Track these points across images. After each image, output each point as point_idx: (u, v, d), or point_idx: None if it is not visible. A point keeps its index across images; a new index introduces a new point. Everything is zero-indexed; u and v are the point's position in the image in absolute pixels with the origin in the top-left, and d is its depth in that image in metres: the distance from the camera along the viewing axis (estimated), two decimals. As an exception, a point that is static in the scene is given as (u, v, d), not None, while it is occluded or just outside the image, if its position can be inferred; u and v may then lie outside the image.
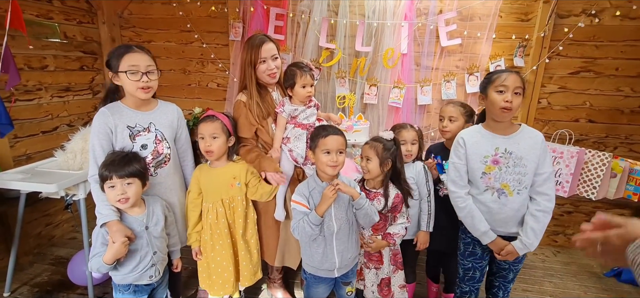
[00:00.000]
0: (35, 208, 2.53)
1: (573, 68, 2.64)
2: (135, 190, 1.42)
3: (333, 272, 1.56)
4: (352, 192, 1.45)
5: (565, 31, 2.52)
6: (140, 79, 1.46)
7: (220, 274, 1.76)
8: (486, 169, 1.53)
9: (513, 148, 1.48)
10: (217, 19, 2.91)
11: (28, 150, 2.46)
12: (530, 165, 1.47)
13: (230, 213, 1.74)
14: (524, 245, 1.50)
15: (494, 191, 1.53)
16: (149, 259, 1.50)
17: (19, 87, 2.36)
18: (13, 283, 2.18)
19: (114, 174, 1.39)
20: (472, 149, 1.54)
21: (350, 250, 1.56)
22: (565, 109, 2.73)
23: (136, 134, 1.54)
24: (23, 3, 2.32)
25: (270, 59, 1.79)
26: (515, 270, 1.65)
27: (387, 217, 1.66)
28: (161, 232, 1.55)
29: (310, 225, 1.43)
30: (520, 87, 1.44)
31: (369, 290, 1.73)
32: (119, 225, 1.42)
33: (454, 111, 1.83)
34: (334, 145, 1.44)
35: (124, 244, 1.39)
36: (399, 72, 2.73)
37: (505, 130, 1.51)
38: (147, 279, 1.52)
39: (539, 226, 1.48)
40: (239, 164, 1.77)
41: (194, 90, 3.14)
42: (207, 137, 1.65)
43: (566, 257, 2.86)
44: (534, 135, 1.50)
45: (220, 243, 1.73)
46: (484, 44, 2.62)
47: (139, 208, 1.50)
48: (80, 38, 2.83)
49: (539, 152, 1.47)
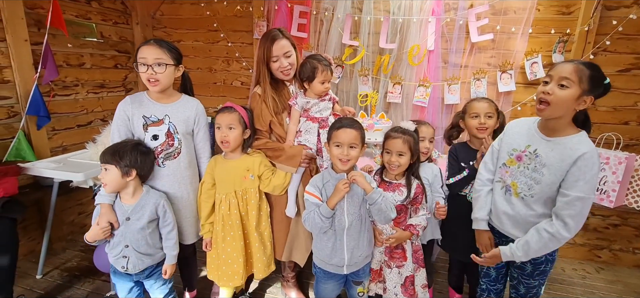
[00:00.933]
0: (70, 197, 2.68)
1: (622, 65, 2.39)
2: (111, 177, 1.45)
3: (342, 268, 1.50)
4: (365, 186, 1.39)
5: (613, 24, 2.28)
6: (146, 71, 1.50)
7: (230, 265, 1.74)
8: (507, 162, 1.42)
9: (544, 152, 1.31)
10: (242, 18, 2.96)
11: (64, 142, 2.61)
12: (550, 177, 1.27)
13: (243, 205, 1.73)
14: (511, 254, 1.36)
15: (503, 185, 1.43)
16: (119, 249, 1.52)
17: (58, 83, 2.52)
18: (45, 266, 2.31)
19: (100, 159, 1.47)
20: (508, 137, 1.45)
21: (361, 248, 1.50)
22: (612, 110, 2.47)
23: (149, 124, 1.58)
24: (64, 4, 2.48)
25: (283, 57, 1.75)
26: (525, 285, 1.46)
27: (407, 209, 1.60)
28: (141, 231, 1.52)
29: (320, 217, 1.40)
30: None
31: (391, 293, 1.63)
32: (107, 209, 1.49)
33: (490, 107, 1.72)
34: (346, 138, 1.40)
35: (103, 230, 1.47)
36: (424, 69, 2.61)
37: (557, 131, 1.30)
38: (119, 267, 1.55)
39: (537, 246, 1.30)
40: (253, 157, 1.75)
41: (219, 89, 3.20)
42: (223, 128, 1.65)
43: (611, 274, 2.57)
44: (575, 147, 1.24)
45: (231, 235, 1.72)
46: (519, 40, 2.44)
47: (133, 197, 1.53)
48: (116, 38, 2.99)
49: (567, 168, 1.24)
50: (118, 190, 1.50)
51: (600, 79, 1.22)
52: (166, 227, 1.60)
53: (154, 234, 1.58)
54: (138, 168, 1.49)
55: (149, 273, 1.62)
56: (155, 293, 1.66)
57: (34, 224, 2.46)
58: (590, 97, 1.23)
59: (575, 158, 1.22)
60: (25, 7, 2.22)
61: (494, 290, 1.62)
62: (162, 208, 1.57)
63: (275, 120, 1.79)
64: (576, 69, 1.21)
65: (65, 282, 2.24)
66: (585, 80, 1.20)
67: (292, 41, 1.81)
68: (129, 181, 1.49)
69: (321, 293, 1.62)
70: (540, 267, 1.42)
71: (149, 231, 1.55)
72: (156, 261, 1.62)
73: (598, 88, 1.22)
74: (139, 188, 1.54)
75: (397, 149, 1.51)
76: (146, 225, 1.52)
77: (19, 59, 2.20)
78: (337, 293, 1.65)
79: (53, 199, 2.17)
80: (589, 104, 1.24)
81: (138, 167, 1.49)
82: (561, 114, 1.26)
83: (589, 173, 1.22)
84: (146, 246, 1.55)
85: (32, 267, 2.32)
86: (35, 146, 2.29)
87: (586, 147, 1.23)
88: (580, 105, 1.24)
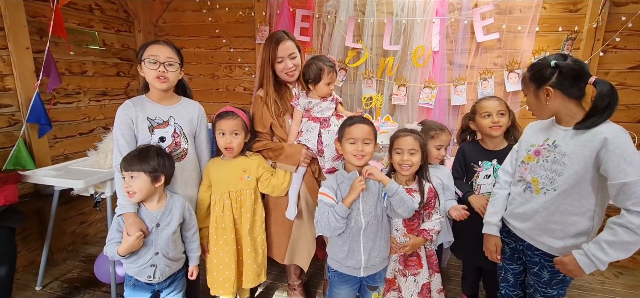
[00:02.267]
0: (71, 207, 2.64)
1: (633, 62, 2.33)
2: (140, 184, 1.39)
3: (359, 270, 1.44)
4: (382, 178, 1.36)
5: (622, 20, 2.23)
6: (157, 68, 1.48)
7: (221, 271, 1.68)
8: (526, 159, 1.36)
9: (563, 142, 1.24)
10: (244, 23, 2.95)
11: (66, 151, 2.59)
12: (572, 166, 1.18)
13: (236, 207, 1.68)
14: (587, 258, 1.15)
15: (524, 183, 1.36)
16: (148, 257, 1.46)
17: (60, 91, 2.50)
18: (45, 278, 2.25)
19: (123, 167, 1.41)
20: (526, 136, 1.42)
21: (378, 249, 1.44)
22: (624, 108, 2.40)
23: (155, 126, 1.54)
24: (66, 12, 2.48)
25: (288, 58, 1.74)
26: (542, 293, 1.36)
27: (420, 214, 1.54)
28: (172, 235, 1.49)
29: (336, 217, 1.34)
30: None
31: None
32: (134, 217, 1.42)
33: (501, 105, 1.66)
34: (360, 134, 1.37)
35: (139, 239, 1.41)
36: (430, 71, 2.57)
37: (569, 121, 1.24)
38: (145, 278, 1.48)
39: (610, 238, 1.13)
40: (250, 158, 1.72)
41: (222, 95, 3.18)
42: (227, 134, 1.62)
43: (630, 279, 2.47)
44: (596, 131, 1.14)
45: (224, 239, 1.67)
46: (526, 38, 2.40)
47: (158, 203, 1.48)
48: (118, 45, 2.99)
49: (592, 153, 1.13)
50: (146, 198, 1.45)
51: (540, 70, 1.24)
52: (191, 229, 1.58)
53: (179, 239, 1.56)
54: (165, 173, 1.45)
55: (171, 282, 1.58)
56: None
57: (35, 234, 2.41)
58: (546, 88, 1.22)
59: (600, 143, 1.12)
60: (28, 15, 2.22)
61: (514, 296, 1.54)
62: (188, 211, 1.56)
63: (276, 123, 1.76)
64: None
65: (65, 294, 2.18)
66: (528, 83, 1.29)
67: (296, 43, 1.80)
68: (158, 187, 1.45)
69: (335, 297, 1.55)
70: (559, 276, 1.30)
71: (176, 236, 1.52)
72: (179, 268, 1.59)
73: (543, 77, 1.23)
74: (163, 194, 1.51)
75: (409, 147, 1.47)
76: (176, 229, 1.50)
77: (21, 67, 2.19)
78: None
79: (53, 208, 2.13)
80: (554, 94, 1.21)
81: (165, 171, 1.45)
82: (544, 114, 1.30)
83: (624, 152, 1.09)
84: (174, 252, 1.52)
85: (31, 279, 2.27)
86: (36, 154, 2.26)
87: (606, 128, 1.14)
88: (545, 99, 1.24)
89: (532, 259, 1.37)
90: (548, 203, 1.25)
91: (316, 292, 2.21)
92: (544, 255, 1.32)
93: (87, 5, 2.68)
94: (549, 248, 1.29)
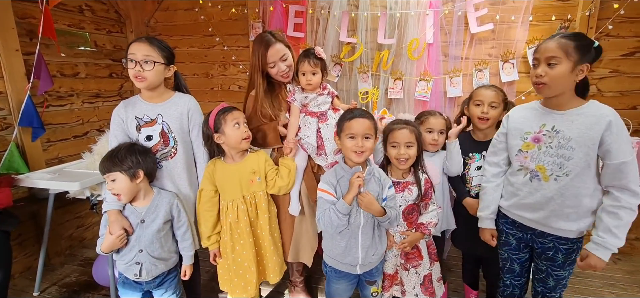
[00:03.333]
0: (67, 211, 2.61)
1: (626, 49, 2.34)
2: (120, 185, 1.39)
3: (355, 267, 1.43)
4: (376, 210, 1.35)
5: (615, 8, 2.25)
6: (134, 67, 1.45)
7: (242, 275, 1.66)
8: (523, 147, 1.35)
9: (563, 126, 1.25)
10: (237, 21, 2.92)
11: (60, 154, 2.55)
12: (580, 149, 1.22)
13: (252, 210, 1.65)
14: (605, 249, 1.22)
15: (527, 172, 1.34)
16: (133, 255, 1.45)
17: (52, 93, 2.46)
18: (43, 283, 2.23)
19: (101, 171, 1.42)
20: (513, 124, 1.39)
21: (375, 246, 1.43)
22: (619, 95, 2.42)
23: (142, 125, 1.53)
24: (56, 13, 2.44)
25: (280, 62, 1.70)
26: (555, 277, 1.37)
27: (418, 207, 1.53)
28: (157, 233, 1.47)
29: (337, 215, 1.32)
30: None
31: (411, 295, 1.56)
32: (116, 215, 1.43)
33: (496, 97, 1.64)
34: (359, 129, 1.34)
35: (119, 238, 1.41)
36: (425, 63, 2.57)
37: (564, 104, 1.27)
38: (132, 275, 1.48)
39: (616, 223, 1.20)
40: (255, 156, 1.67)
41: (216, 94, 3.16)
42: (242, 124, 1.59)
43: (629, 265, 2.50)
44: (599, 114, 1.20)
45: (241, 243, 1.64)
46: (520, 28, 2.40)
47: (144, 199, 1.47)
48: (110, 46, 2.95)
49: (597, 135, 1.19)
50: (132, 196, 1.45)
51: (587, 46, 1.21)
52: (181, 227, 1.55)
53: (168, 237, 1.53)
54: (143, 167, 1.43)
55: (160, 282, 1.55)
56: None
57: (31, 239, 2.38)
58: (585, 65, 1.21)
59: (606, 125, 1.18)
60: (16, 17, 2.18)
61: (518, 285, 1.55)
62: (177, 208, 1.52)
63: (270, 126, 1.74)
64: (559, 44, 1.21)
65: (63, 298, 2.16)
66: (572, 51, 1.19)
67: (285, 42, 1.75)
68: (139, 183, 1.44)
69: (333, 293, 1.55)
70: (571, 256, 1.34)
71: (163, 233, 1.50)
72: (169, 267, 1.55)
73: (588, 54, 1.21)
74: (150, 190, 1.50)
75: (405, 140, 1.45)
76: (161, 226, 1.48)
77: (11, 69, 2.15)
78: (350, 294, 1.57)
79: (49, 212, 2.10)
80: (586, 72, 1.23)
81: (142, 166, 1.43)
82: (562, 90, 1.25)
83: (625, 135, 1.20)
84: (160, 250, 1.49)
85: (29, 284, 2.24)
86: (30, 158, 2.23)
87: (609, 111, 1.21)
88: (577, 75, 1.23)
89: (545, 245, 1.37)
90: (562, 188, 1.27)
91: (317, 287, 2.21)
92: (558, 239, 1.34)
93: (77, 6, 2.64)
94: (565, 232, 1.31)
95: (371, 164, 1.44)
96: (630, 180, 1.18)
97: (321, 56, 1.65)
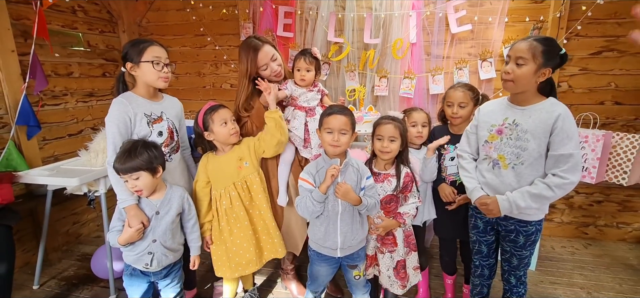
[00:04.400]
0: (64, 207, 2.67)
1: (594, 48, 2.51)
2: (144, 181, 1.46)
3: (336, 251, 1.55)
4: (352, 199, 1.45)
5: (583, 10, 2.41)
6: (162, 69, 1.56)
7: (242, 255, 1.76)
8: (489, 138, 1.49)
9: (522, 120, 1.40)
10: (228, 21, 3.00)
11: (55, 152, 2.61)
12: (534, 141, 1.36)
13: (245, 195, 1.75)
14: (508, 202, 1.39)
15: (490, 160, 1.49)
16: (146, 244, 1.52)
17: (47, 92, 2.52)
18: (42, 277, 2.30)
19: (120, 172, 1.45)
20: (483, 117, 1.53)
21: (354, 232, 1.54)
22: (588, 91, 2.59)
23: (152, 122, 1.61)
24: (49, 14, 2.49)
25: (271, 62, 1.79)
26: (518, 256, 1.52)
27: (398, 198, 1.65)
28: (170, 225, 1.56)
29: (312, 202, 1.44)
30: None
31: (384, 275, 1.69)
32: (136, 210, 1.50)
33: (464, 97, 1.76)
34: (336, 124, 1.44)
35: (139, 231, 1.48)
36: (408, 62, 2.70)
37: (526, 101, 1.41)
38: (142, 265, 1.54)
39: (532, 191, 1.36)
40: (241, 145, 1.78)
41: (208, 92, 3.24)
42: (229, 121, 1.69)
43: (598, 249, 2.69)
44: (551, 109, 1.35)
45: (238, 227, 1.75)
46: (496, 29, 2.55)
47: (158, 192, 1.55)
48: (103, 46, 3.00)
49: (548, 128, 1.33)
50: (151, 191, 1.52)
51: (554, 51, 1.33)
52: (191, 219, 1.65)
53: (177, 229, 1.62)
54: (161, 162, 1.52)
55: (167, 272, 1.63)
56: (167, 293, 1.67)
57: (28, 235, 2.44)
58: (547, 69, 1.34)
59: (555, 119, 1.32)
60: (11, 18, 2.23)
61: (487, 265, 1.68)
62: (188, 201, 1.63)
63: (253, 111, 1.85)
64: (529, 46, 1.32)
65: (63, 291, 2.23)
66: (538, 55, 1.31)
67: (271, 43, 1.84)
68: (158, 177, 1.52)
69: (315, 274, 1.66)
70: (531, 237, 1.48)
71: (175, 225, 1.59)
72: (176, 258, 1.65)
73: (553, 59, 1.33)
74: (162, 183, 1.58)
75: (389, 134, 1.57)
76: (174, 218, 1.57)
77: (7, 70, 2.20)
78: (330, 277, 1.69)
79: (47, 208, 2.17)
80: (548, 75, 1.36)
81: (160, 160, 1.51)
82: (525, 88, 1.38)
83: (569, 130, 1.31)
84: (171, 241, 1.58)
85: (28, 279, 2.30)
86: (26, 156, 2.29)
87: (560, 108, 1.35)
88: (539, 77, 1.35)
89: (508, 228, 1.51)
90: (518, 176, 1.42)
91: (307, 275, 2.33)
92: (518, 222, 1.48)
93: (70, 6, 2.69)
94: (523, 215, 1.45)
95: (348, 156, 1.54)
96: (564, 169, 1.31)
97: (317, 56, 1.78)
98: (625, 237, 2.78)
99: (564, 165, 1.32)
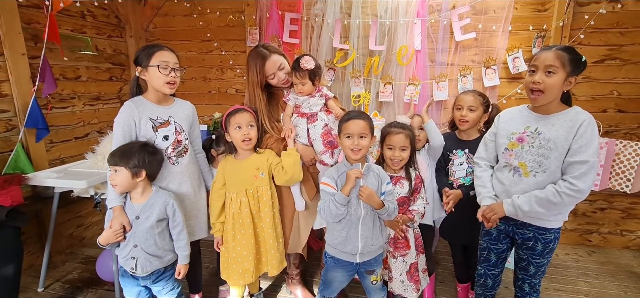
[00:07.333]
0: (68, 210, 2.68)
1: (597, 56, 2.54)
2: (120, 178, 1.47)
3: (355, 256, 1.54)
4: (375, 203, 1.46)
5: (585, 19, 2.44)
6: (169, 73, 1.57)
7: (240, 263, 1.77)
8: (509, 145, 1.48)
9: (545, 129, 1.39)
10: (234, 27, 3.04)
11: (62, 154, 2.62)
12: (558, 149, 1.35)
13: (254, 203, 1.75)
14: (512, 206, 1.41)
15: (511, 168, 1.48)
16: (128, 249, 1.54)
17: (54, 96, 2.54)
18: (46, 279, 2.29)
19: (108, 161, 1.50)
20: (502, 125, 1.53)
21: (374, 237, 1.54)
22: (591, 99, 2.62)
23: (158, 126, 1.63)
24: (59, 18, 2.52)
25: (278, 71, 1.81)
26: (535, 265, 1.51)
27: (409, 200, 1.68)
28: (151, 230, 1.53)
29: (335, 205, 1.44)
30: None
31: (397, 281, 1.70)
32: (119, 211, 1.53)
33: (474, 101, 1.79)
34: (355, 129, 1.47)
35: (115, 233, 1.50)
36: (413, 69, 2.73)
37: (549, 110, 1.40)
38: (129, 269, 1.56)
39: (539, 195, 1.36)
40: (261, 155, 1.79)
41: (214, 97, 3.26)
42: (244, 126, 1.68)
43: (602, 256, 2.69)
44: (576, 119, 1.33)
45: (242, 233, 1.76)
46: (500, 37, 2.58)
47: (142, 196, 1.56)
48: (110, 51, 3.04)
49: (571, 136, 1.32)
50: (128, 190, 1.54)
51: (578, 59, 1.34)
52: (176, 227, 1.60)
53: (163, 235, 1.58)
54: (147, 168, 1.51)
55: (157, 278, 1.61)
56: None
57: (33, 238, 2.44)
58: (574, 77, 1.35)
59: (578, 125, 1.32)
60: (23, 22, 2.26)
61: (491, 275, 1.66)
62: (171, 208, 1.57)
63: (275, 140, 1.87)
64: (557, 55, 1.33)
65: (67, 294, 2.22)
66: (567, 63, 1.32)
67: (279, 51, 1.86)
68: (139, 181, 1.52)
69: (329, 280, 1.65)
70: (550, 245, 1.47)
71: (158, 231, 1.56)
72: (164, 264, 1.60)
73: (579, 68, 1.35)
74: (149, 188, 1.57)
75: (400, 144, 1.60)
76: (155, 224, 1.54)
77: (17, 73, 2.23)
78: (344, 285, 1.68)
79: (54, 210, 2.17)
80: (574, 84, 1.37)
81: (146, 167, 1.51)
82: (554, 97, 1.38)
83: (590, 137, 1.31)
84: (155, 247, 1.55)
85: (33, 281, 2.30)
86: (33, 159, 2.30)
87: (585, 115, 1.35)
88: (567, 86, 1.36)
89: (526, 235, 1.49)
90: (539, 184, 1.40)
91: (312, 281, 2.33)
92: (537, 229, 1.46)
93: (80, 11, 2.73)
94: (543, 222, 1.45)
95: (369, 161, 1.56)
96: (577, 177, 1.30)
97: (306, 68, 1.72)
98: (629, 244, 2.78)
99: (576, 171, 1.31)
